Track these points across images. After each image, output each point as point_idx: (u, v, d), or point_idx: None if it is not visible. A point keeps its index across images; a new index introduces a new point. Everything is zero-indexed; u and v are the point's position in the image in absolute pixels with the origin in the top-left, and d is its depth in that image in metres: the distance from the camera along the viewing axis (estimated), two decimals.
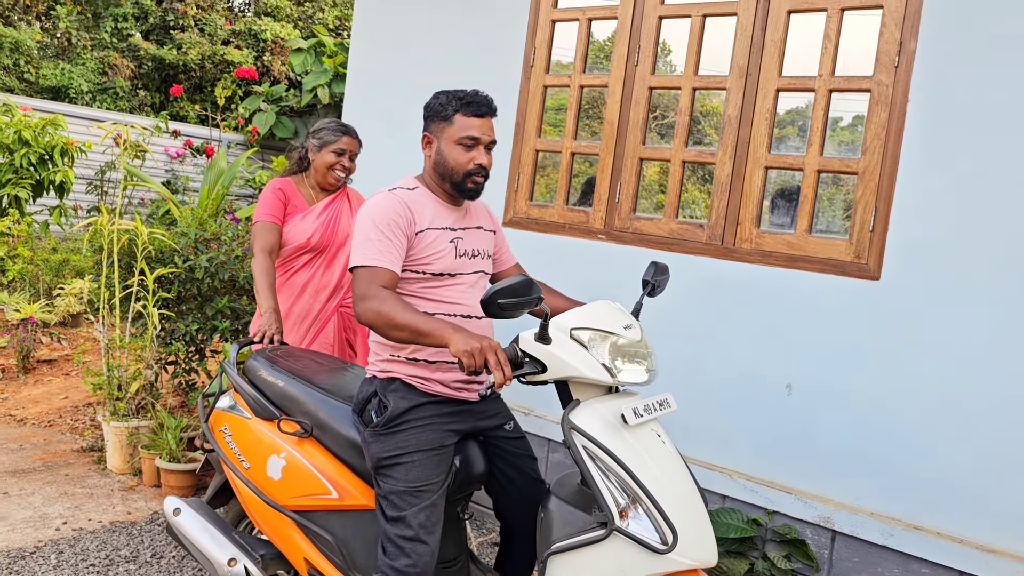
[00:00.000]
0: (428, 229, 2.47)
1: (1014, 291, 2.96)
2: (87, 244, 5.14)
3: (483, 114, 2.50)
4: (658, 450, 2.12)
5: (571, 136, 4.11)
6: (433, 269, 2.47)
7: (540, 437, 3.95)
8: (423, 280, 2.48)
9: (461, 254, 2.53)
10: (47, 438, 5.06)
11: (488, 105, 2.52)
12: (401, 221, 2.42)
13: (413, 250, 2.45)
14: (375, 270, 2.35)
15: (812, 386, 3.37)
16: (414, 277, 2.47)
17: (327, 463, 2.53)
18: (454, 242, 2.52)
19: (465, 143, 2.48)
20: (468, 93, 2.51)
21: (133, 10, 14.11)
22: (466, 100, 2.49)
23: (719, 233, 3.61)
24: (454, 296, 2.50)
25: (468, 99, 2.50)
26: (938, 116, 3.13)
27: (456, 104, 2.50)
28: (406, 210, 2.44)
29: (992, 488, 2.97)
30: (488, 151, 2.52)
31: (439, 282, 2.49)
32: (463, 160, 2.48)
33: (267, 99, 10.70)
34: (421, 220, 2.46)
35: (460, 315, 2.48)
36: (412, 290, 2.48)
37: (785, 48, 3.49)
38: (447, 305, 2.48)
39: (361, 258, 2.37)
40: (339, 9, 15.38)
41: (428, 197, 2.54)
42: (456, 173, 2.49)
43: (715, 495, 3.50)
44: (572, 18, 4.12)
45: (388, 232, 2.39)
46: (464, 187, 2.51)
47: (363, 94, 5.14)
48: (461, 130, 2.48)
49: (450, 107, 2.50)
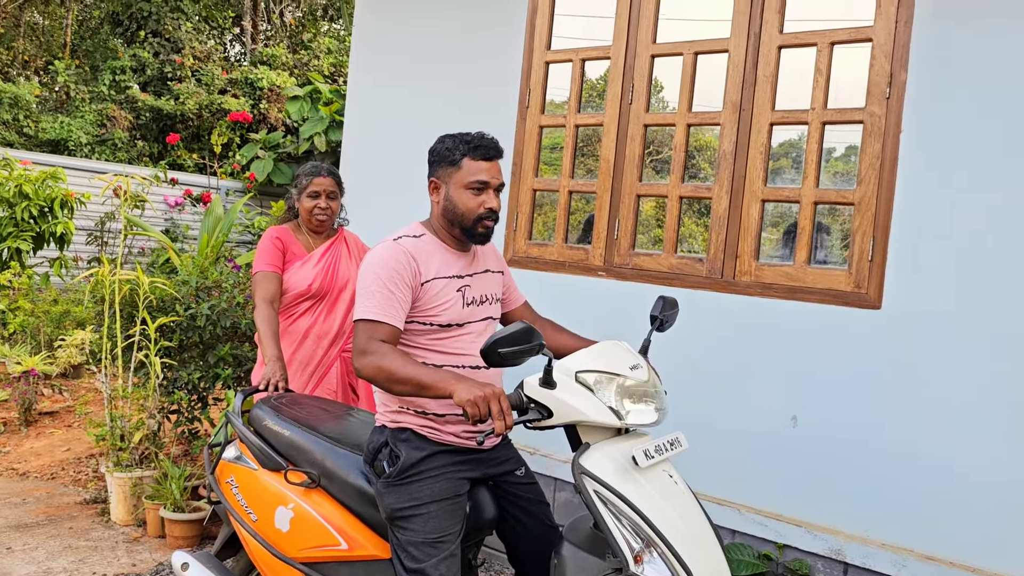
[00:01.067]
0: (435, 279, 2.43)
1: (1016, 316, 2.97)
2: (89, 295, 5.15)
3: (491, 157, 2.47)
4: (670, 491, 2.10)
5: (568, 175, 4.14)
6: (441, 320, 2.44)
7: (547, 476, 3.93)
8: (431, 332, 2.45)
9: (469, 302, 2.50)
10: (50, 491, 5.03)
11: (495, 148, 2.49)
12: (405, 273, 2.37)
13: (419, 301, 2.41)
14: (376, 325, 2.33)
15: (817, 417, 3.36)
16: (421, 329, 2.44)
17: (336, 513, 2.51)
18: (461, 291, 2.48)
19: (474, 187, 2.44)
20: (474, 136, 2.48)
21: (131, 63, 14.27)
22: (473, 144, 2.46)
23: (719, 267, 3.62)
24: (463, 347, 2.47)
25: (475, 143, 2.46)
26: (932, 145, 3.16)
27: (463, 148, 2.46)
28: (411, 260, 2.40)
29: (1005, 516, 2.95)
30: (497, 194, 2.48)
31: (447, 333, 2.46)
32: (473, 205, 2.44)
33: (264, 146, 10.79)
34: (427, 270, 2.42)
35: (469, 366, 2.45)
36: (420, 342, 2.45)
37: (777, 82, 3.53)
38: (456, 357, 2.45)
39: (363, 311, 2.35)
40: (334, 56, 15.56)
41: (435, 244, 2.50)
42: (467, 218, 2.45)
43: (725, 530, 3.48)
44: (565, 59, 4.17)
45: (391, 285, 2.35)
46: (475, 232, 2.47)
47: (360, 139, 5.19)
48: (470, 174, 2.44)
49: (457, 151, 2.47)
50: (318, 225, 3.66)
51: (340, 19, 18.67)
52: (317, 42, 16.45)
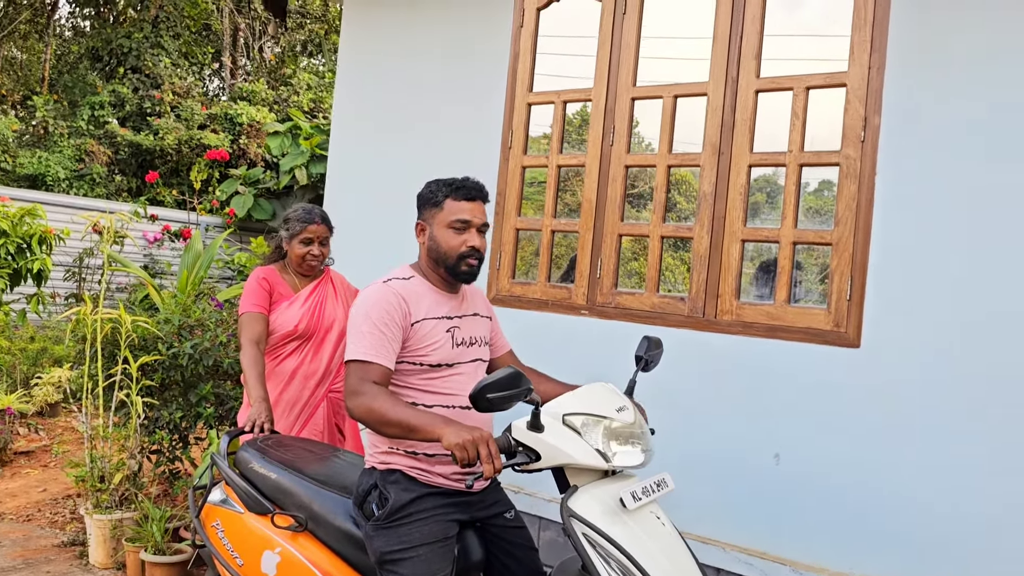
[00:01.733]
0: (424, 319, 2.48)
1: (992, 352, 3.03)
2: (70, 334, 5.11)
3: (473, 197, 2.54)
4: (658, 532, 2.13)
5: (551, 214, 4.20)
6: (430, 360, 2.47)
7: (532, 515, 3.93)
8: (421, 372, 2.48)
9: (459, 343, 2.54)
10: (26, 533, 4.94)
11: (478, 189, 2.57)
12: (396, 314, 2.42)
13: (409, 341, 2.45)
14: (368, 366, 2.36)
15: (800, 455, 3.39)
16: (412, 369, 2.47)
17: (323, 557, 2.50)
18: (451, 331, 2.52)
19: (456, 226, 2.51)
20: (458, 179, 2.57)
21: (110, 98, 14.27)
22: (455, 185, 2.55)
23: (700, 306, 3.67)
24: (453, 387, 2.49)
25: (457, 184, 2.56)
26: (906, 186, 3.24)
27: (446, 190, 2.55)
28: (401, 302, 2.45)
29: (984, 548, 2.99)
30: (481, 234, 2.55)
31: (437, 373, 2.49)
32: (455, 243, 2.51)
33: (244, 182, 10.80)
34: (417, 311, 2.47)
35: (459, 406, 2.48)
36: (410, 382, 2.48)
37: (755, 125, 3.61)
38: (446, 397, 2.48)
39: (354, 352, 2.39)
40: (313, 92, 15.64)
41: (424, 286, 2.56)
42: (449, 257, 2.52)
43: (711, 568, 3.49)
44: (547, 101, 4.24)
45: (382, 326, 2.40)
46: (458, 270, 2.53)
47: (343, 177, 5.22)
48: (451, 214, 2.52)
49: (440, 193, 2.56)
50: (308, 270, 3.68)
51: (320, 55, 18.80)
52: (297, 78, 16.54)
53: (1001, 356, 3.01)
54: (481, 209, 2.56)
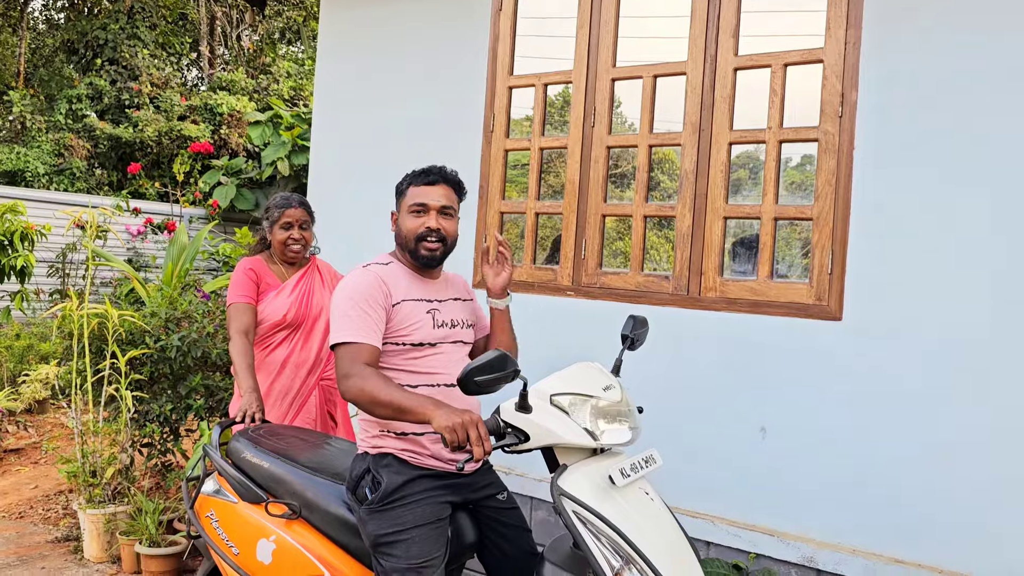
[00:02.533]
0: (404, 301, 2.53)
1: (972, 322, 3.08)
2: (56, 331, 5.10)
3: (433, 181, 2.59)
4: (647, 508, 2.16)
5: (534, 197, 4.21)
6: (412, 340, 2.52)
7: (523, 496, 3.97)
8: (403, 351, 2.52)
9: (439, 324, 2.58)
10: (19, 530, 4.95)
11: (441, 174, 2.62)
12: (378, 295, 2.47)
13: (391, 322, 2.50)
14: (356, 346, 2.39)
15: (785, 428, 3.44)
16: (395, 349, 2.51)
17: (318, 544, 2.53)
18: (431, 313, 2.57)
19: (415, 210, 2.58)
20: (424, 167, 2.64)
21: (87, 91, 14.13)
22: (418, 172, 2.63)
23: (684, 284, 3.70)
24: (436, 366, 2.54)
25: (420, 171, 2.63)
26: (884, 160, 3.27)
27: (410, 178, 2.64)
28: (382, 283, 2.50)
29: (968, 518, 3.05)
30: (444, 216, 2.59)
31: (419, 352, 2.53)
32: (413, 226, 2.57)
33: (227, 172, 10.74)
34: (396, 292, 2.52)
35: (443, 384, 2.52)
36: (394, 362, 2.51)
37: (734, 103, 3.63)
38: (430, 376, 2.52)
39: (341, 335, 2.41)
40: (294, 80, 15.53)
41: (402, 270, 2.61)
42: (408, 240, 2.58)
43: (700, 542, 3.54)
44: (528, 84, 4.25)
45: (366, 307, 2.44)
46: (418, 253, 2.58)
47: (326, 167, 5.21)
48: (411, 199, 2.59)
49: (405, 182, 2.65)
50: (292, 256, 3.68)
51: (299, 42, 18.67)
52: (276, 66, 16.43)
53: (982, 326, 3.06)
54: (442, 192, 2.60)
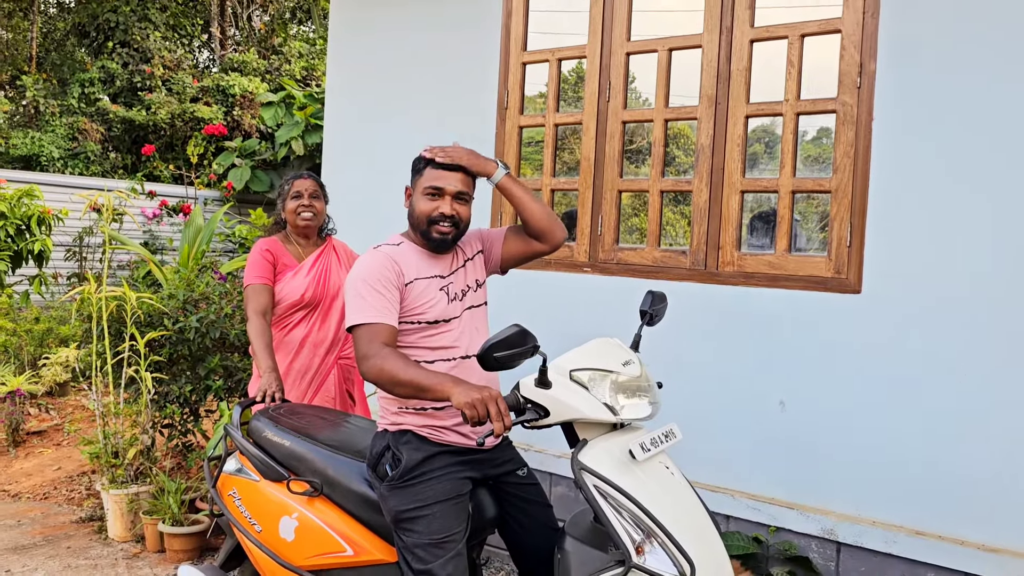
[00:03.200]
0: (417, 279, 2.53)
1: (993, 294, 3.05)
2: (76, 313, 5.14)
3: (450, 167, 2.57)
4: (668, 482, 2.16)
5: (549, 173, 4.19)
6: (427, 318, 2.51)
7: (542, 472, 3.98)
8: (419, 329, 2.52)
9: (453, 298, 2.58)
10: (44, 511, 5.02)
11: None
12: (391, 275, 2.47)
13: (405, 301, 2.50)
14: (373, 327, 2.39)
15: (805, 401, 3.43)
16: (410, 328, 2.51)
17: (340, 520, 2.54)
18: (444, 289, 2.57)
19: (430, 192, 2.56)
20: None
21: (99, 74, 14.14)
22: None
23: (701, 258, 3.68)
24: (451, 340, 2.54)
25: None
26: (903, 131, 3.23)
27: (428, 159, 2.60)
28: (393, 264, 2.50)
29: (991, 489, 3.04)
30: (458, 201, 2.57)
31: (435, 329, 2.53)
32: (427, 209, 2.55)
33: (241, 154, 10.75)
34: (408, 272, 2.52)
35: (459, 357, 2.52)
36: (410, 340, 2.51)
37: (751, 76, 3.60)
38: (446, 351, 2.52)
39: (358, 317, 2.42)
40: (305, 60, 15.50)
41: (413, 250, 2.60)
42: (421, 222, 2.57)
43: (720, 516, 3.55)
44: (542, 59, 4.22)
45: (379, 287, 2.44)
46: (430, 236, 2.56)
47: (339, 145, 5.20)
48: (427, 181, 2.57)
49: (422, 162, 2.62)
50: (304, 227, 3.68)
51: (309, 21, 18.60)
52: (288, 46, 16.38)
53: (1003, 299, 3.03)
54: (459, 178, 2.58)
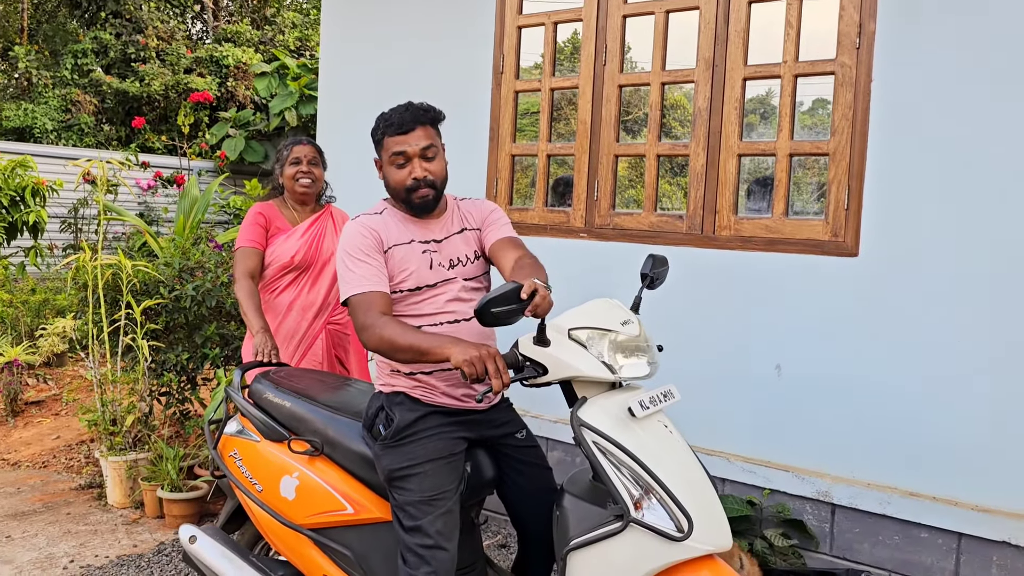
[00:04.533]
0: (396, 245, 2.50)
1: (989, 256, 3.06)
2: (71, 282, 5.13)
3: (407, 130, 2.50)
4: (666, 440, 2.17)
5: (545, 139, 4.18)
6: (407, 285, 2.49)
7: (540, 437, 4.00)
8: (403, 298, 2.50)
9: (437, 264, 2.53)
10: (44, 479, 5.04)
11: (412, 119, 2.51)
12: (371, 242, 2.46)
13: (386, 269, 2.48)
14: (366, 296, 2.39)
15: (801, 365, 3.45)
16: (394, 297, 2.49)
17: (340, 479, 2.56)
18: (427, 254, 2.53)
19: (396, 161, 2.51)
20: (391, 112, 2.54)
21: (92, 45, 13.99)
22: (388, 120, 2.53)
23: (698, 223, 3.68)
24: (438, 307, 2.51)
25: (389, 119, 2.53)
26: (902, 93, 3.22)
27: (382, 127, 2.54)
28: (372, 232, 2.48)
29: (983, 450, 3.07)
30: (426, 160, 2.51)
31: (419, 296, 2.50)
32: (399, 177, 2.52)
33: (235, 124, 10.68)
34: (388, 238, 2.50)
35: (447, 322, 2.50)
36: (396, 309, 2.50)
37: (749, 38, 3.58)
38: (433, 316, 2.50)
39: (348, 289, 2.42)
40: (299, 30, 15.35)
41: (395, 216, 2.58)
42: (399, 192, 2.54)
43: (715, 479, 3.56)
44: (538, 23, 4.18)
45: (362, 256, 2.44)
46: (412, 203, 2.53)
47: (334, 114, 5.18)
48: (389, 150, 2.52)
49: (379, 131, 2.56)
50: (302, 193, 3.67)
51: None
52: (281, 17, 16.22)
53: (999, 262, 3.04)
54: (419, 135, 2.51)
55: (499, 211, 2.73)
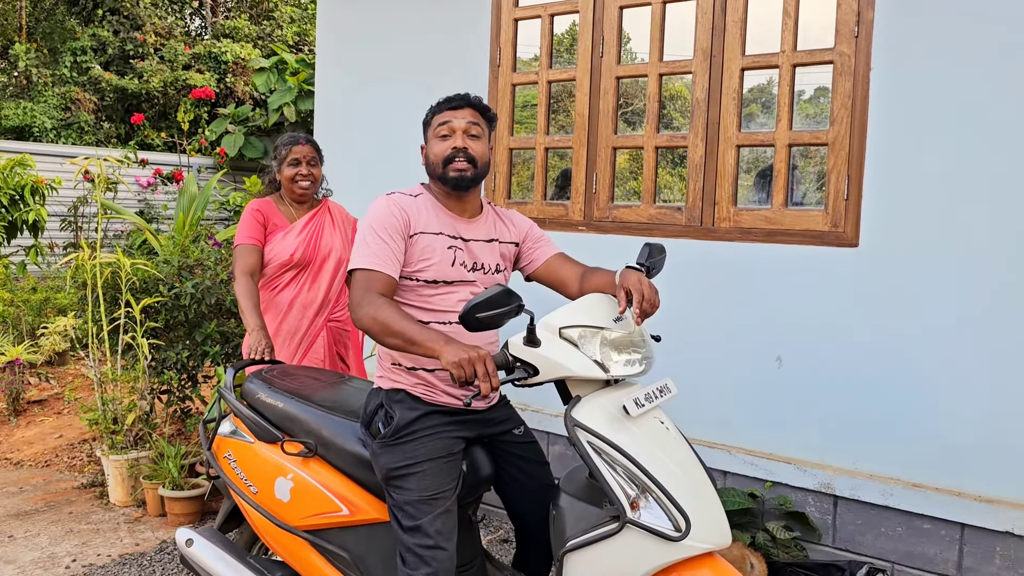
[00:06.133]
0: (423, 233, 2.46)
1: (991, 246, 3.03)
2: (70, 281, 5.12)
3: (456, 106, 2.52)
4: (663, 437, 2.14)
5: (543, 132, 4.14)
6: (426, 276, 2.46)
7: (540, 431, 3.98)
8: (417, 287, 2.47)
9: (460, 263, 2.50)
10: (46, 478, 5.04)
11: (463, 98, 2.54)
12: (397, 223, 2.42)
13: (407, 254, 2.45)
14: (372, 274, 2.35)
15: (801, 356, 3.42)
16: (409, 284, 2.47)
17: (335, 480, 2.54)
18: (452, 249, 2.49)
19: (441, 134, 2.51)
20: (448, 96, 2.57)
21: (91, 43, 13.97)
22: (440, 100, 2.56)
23: (697, 214, 3.65)
24: (450, 304, 2.47)
25: (442, 99, 2.56)
26: (901, 81, 3.18)
27: (434, 106, 2.57)
28: (402, 213, 2.44)
29: (985, 441, 3.04)
30: (469, 137, 2.50)
31: (434, 290, 2.47)
32: (440, 149, 2.50)
33: (234, 120, 10.65)
34: (417, 223, 2.46)
35: (455, 321, 2.43)
36: (407, 298, 2.47)
37: (746, 27, 3.54)
38: (443, 314, 2.46)
39: (358, 262, 2.38)
40: (297, 25, 15.31)
41: (430, 203, 2.54)
42: (437, 165, 2.51)
43: (717, 471, 3.55)
44: (534, 15, 4.15)
45: (384, 235, 2.39)
46: (447, 176, 2.49)
47: (331, 109, 5.15)
48: (437, 124, 2.53)
49: (430, 112, 2.58)
50: (301, 194, 3.65)
51: None
52: (279, 11, 16.17)
53: (1000, 251, 3.01)
54: (468, 114, 2.53)
55: (536, 226, 2.77)
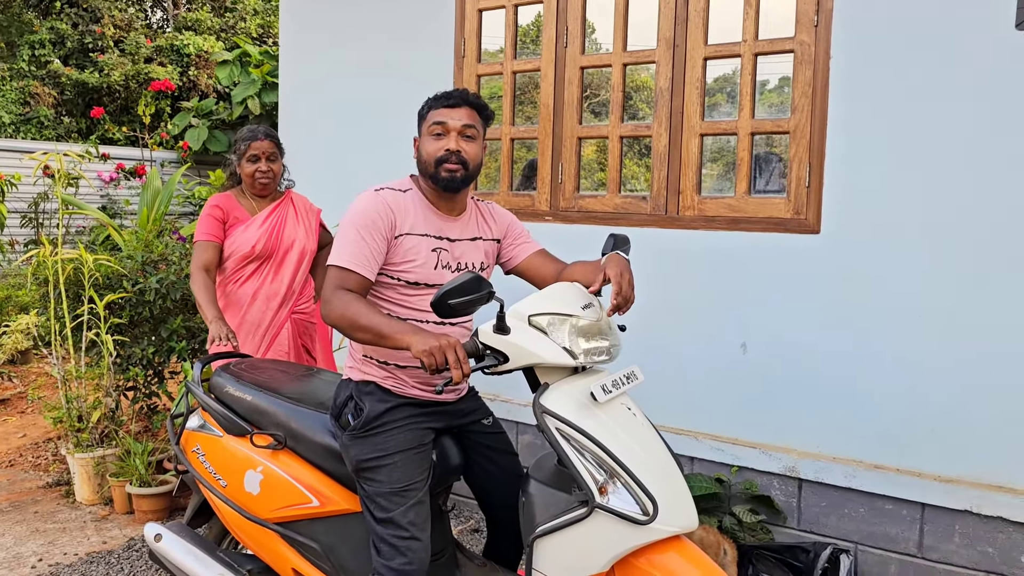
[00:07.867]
0: (408, 234, 2.43)
1: (950, 232, 3.09)
2: (31, 278, 5.04)
3: (453, 104, 2.47)
4: (630, 423, 2.17)
5: (508, 123, 4.15)
6: (409, 278, 2.43)
7: (509, 421, 4.01)
8: (399, 287, 2.45)
9: (444, 265, 2.48)
10: (10, 478, 4.97)
11: (459, 95, 2.50)
12: (381, 223, 2.38)
13: (391, 254, 2.42)
14: (346, 273, 2.34)
15: (765, 342, 3.47)
16: (390, 283, 2.45)
17: (304, 472, 2.54)
18: (437, 251, 2.46)
19: (435, 132, 2.46)
20: (446, 91, 2.53)
21: (49, 35, 13.70)
22: (437, 95, 2.51)
23: (662, 203, 3.68)
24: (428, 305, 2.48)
25: (440, 94, 2.52)
26: (861, 69, 3.23)
27: (430, 101, 2.52)
28: (388, 211, 2.40)
29: (946, 421, 3.11)
30: (464, 139, 2.46)
31: (415, 291, 2.45)
32: (432, 148, 2.45)
33: (197, 114, 10.51)
34: (403, 223, 2.42)
35: (434, 322, 2.46)
36: (388, 295, 2.46)
37: (709, 17, 3.57)
38: (422, 313, 2.45)
39: (336, 258, 2.37)
40: (261, 17, 15.12)
41: (419, 201, 2.50)
42: (428, 164, 2.46)
43: (684, 457, 3.60)
44: (498, 5, 4.15)
45: (365, 234, 2.36)
46: (438, 177, 2.45)
47: (295, 101, 5.11)
48: (431, 120, 2.48)
49: (425, 106, 2.53)
50: (261, 189, 3.64)
51: None
52: (242, 3, 15.97)
53: (961, 236, 3.07)
54: (464, 114, 2.47)
55: (517, 220, 2.75)
